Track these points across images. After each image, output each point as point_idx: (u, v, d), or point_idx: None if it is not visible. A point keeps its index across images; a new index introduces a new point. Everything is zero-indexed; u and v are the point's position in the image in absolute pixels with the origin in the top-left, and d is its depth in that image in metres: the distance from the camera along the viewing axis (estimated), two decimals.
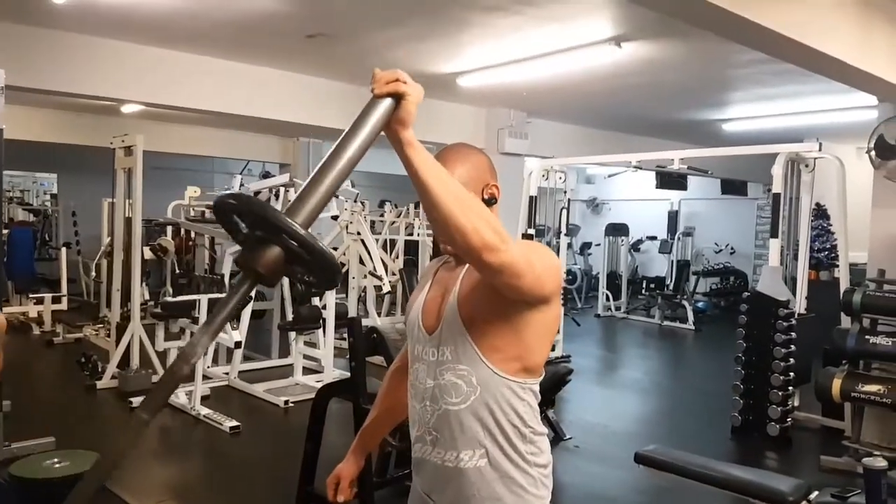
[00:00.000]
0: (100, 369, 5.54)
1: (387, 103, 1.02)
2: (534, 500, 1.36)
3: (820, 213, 8.49)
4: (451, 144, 1.43)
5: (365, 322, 7.13)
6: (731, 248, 11.58)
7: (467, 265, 1.36)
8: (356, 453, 1.63)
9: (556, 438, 4.51)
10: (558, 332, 6.85)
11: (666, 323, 9.74)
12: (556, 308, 1.34)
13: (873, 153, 4.71)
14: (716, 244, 11.68)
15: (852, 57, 3.56)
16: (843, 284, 4.82)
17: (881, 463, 2.24)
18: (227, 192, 0.85)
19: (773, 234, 4.99)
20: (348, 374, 3.21)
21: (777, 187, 4.96)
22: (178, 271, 7.52)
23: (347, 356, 3.21)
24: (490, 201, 1.38)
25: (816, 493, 2.38)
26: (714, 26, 3.12)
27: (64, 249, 8.90)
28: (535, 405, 1.38)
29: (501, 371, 1.32)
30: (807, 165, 5.32)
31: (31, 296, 8.22)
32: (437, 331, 1.36)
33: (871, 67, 3.73)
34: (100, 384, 5.41)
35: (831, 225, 8.33)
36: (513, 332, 1.30)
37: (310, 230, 0.96)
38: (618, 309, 10.54)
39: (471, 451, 1.34)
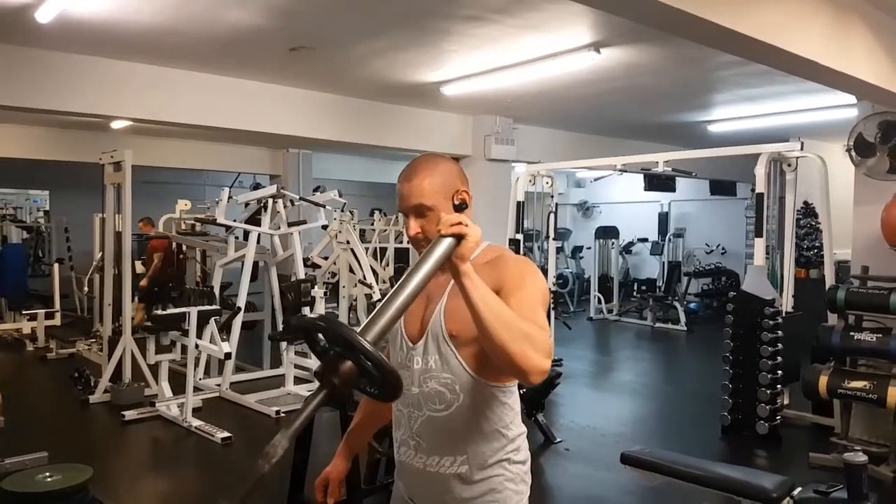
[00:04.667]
0: (92, 384, 5.55)
1: (450, 241, 1.20)
2: (513, 496, 1.41)
3: (808, 211, 8.56)
4: (421, 155, 1.47)
5: None
6: (723, 249, 11.63)
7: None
8: (343, 455, 1.67)
9: (547, 442, 4.54)
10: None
11: (658, 325, 9.79)
12: None
13: (853, 151, 4.77)
14: (707, 245, 11.72)
15: (826, 58, 3.60)
16: (829, 282, 4.87)
17: (861, 458, 2.28)
18: (313, 315, 1.07)
19: (758, 234, 5.03)
20: None
21: (760, 187, 5.00)
22: (170, 284, 7.53)
23: None
24: (461, 206, 1.41)
25: (800, 489, 2.41)
26: (685, 32, 3.15)
27: (56, 265, 8.91)
28: (515, 405, 1.43)
29: (484, 378, 1.37)
30: (789, 165, 5.37)
31: (24, 312, 8.21)
32: (420, 341, 1.40)
33: (845, 68, 3.77)
34: (93, 398, 5.42)
35: (820, 223, 8.39)
36: None
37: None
38: (610, 311, 10.59)
39: (452, 457, 1.38)
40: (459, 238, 1.19)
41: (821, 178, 5.07)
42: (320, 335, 1.14)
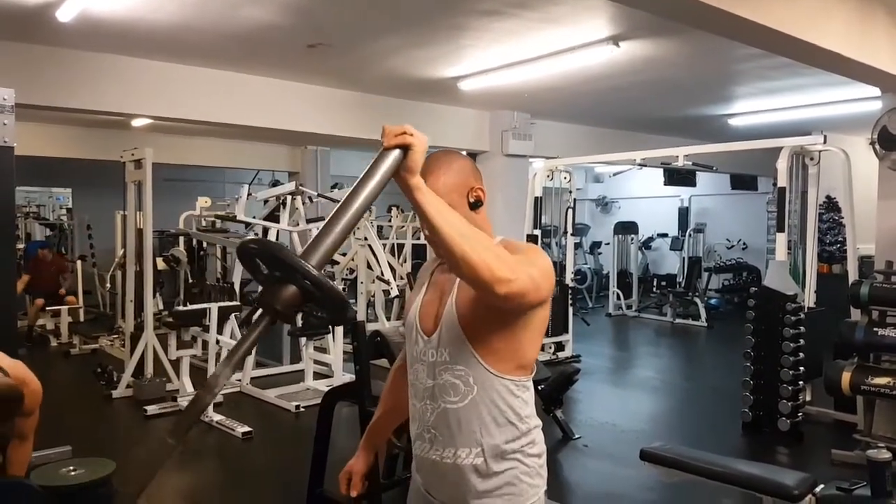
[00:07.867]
0: (115, 379, 5.63)
1: (395, 154, 1.12)
2: (528, 489, 1.41)
3: (831, 205, 8.44)
4: (434, 153, 1.45)
5: (374, 327, 7.20)
6: (744, 244, 11.50)
7: None
8: (365, 449, 1.70)
9: (565, 438, 4.53)
10: (567, 331, 6.90)
11: (678, 321, 9.70)
12: (548, 306, 1.40)
13: (877, 145, 4.69)
14: (727, 240, 11.61)
15: (850, 50, 3.56)
16: (852, 277, 4.79)
17: (885, 455, 2.25)
18: (251, 237, 0.92)
19: (780, 229, 4.98)
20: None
21: (782, 181, 4.94)
22: (190, 281, 7.61)
23: None
24: (476, 204, 1.42)
25: (822, 486, 2.38)
26: (707, 24, 3.13)
27: (79, 262, 9.05)
28: (529, 399, 1.43)
29: (497, 371, 1.37)
30: (812, 158, 5.30)
31: (47, 308, 8.35)
32: (435, 333, 1.41)
33: (869, 59, 3.72)
34: (115, 393, 5.50)
35: (843, 218, 8.26)
36: (510, 334, 1.36)
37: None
38: (629, 307, 10.51)
39: (468, 448, 1.38)
40: (406, 150, 1.14)
41: (844, 172, 4.98)
42: (259, 260, 1.05)
